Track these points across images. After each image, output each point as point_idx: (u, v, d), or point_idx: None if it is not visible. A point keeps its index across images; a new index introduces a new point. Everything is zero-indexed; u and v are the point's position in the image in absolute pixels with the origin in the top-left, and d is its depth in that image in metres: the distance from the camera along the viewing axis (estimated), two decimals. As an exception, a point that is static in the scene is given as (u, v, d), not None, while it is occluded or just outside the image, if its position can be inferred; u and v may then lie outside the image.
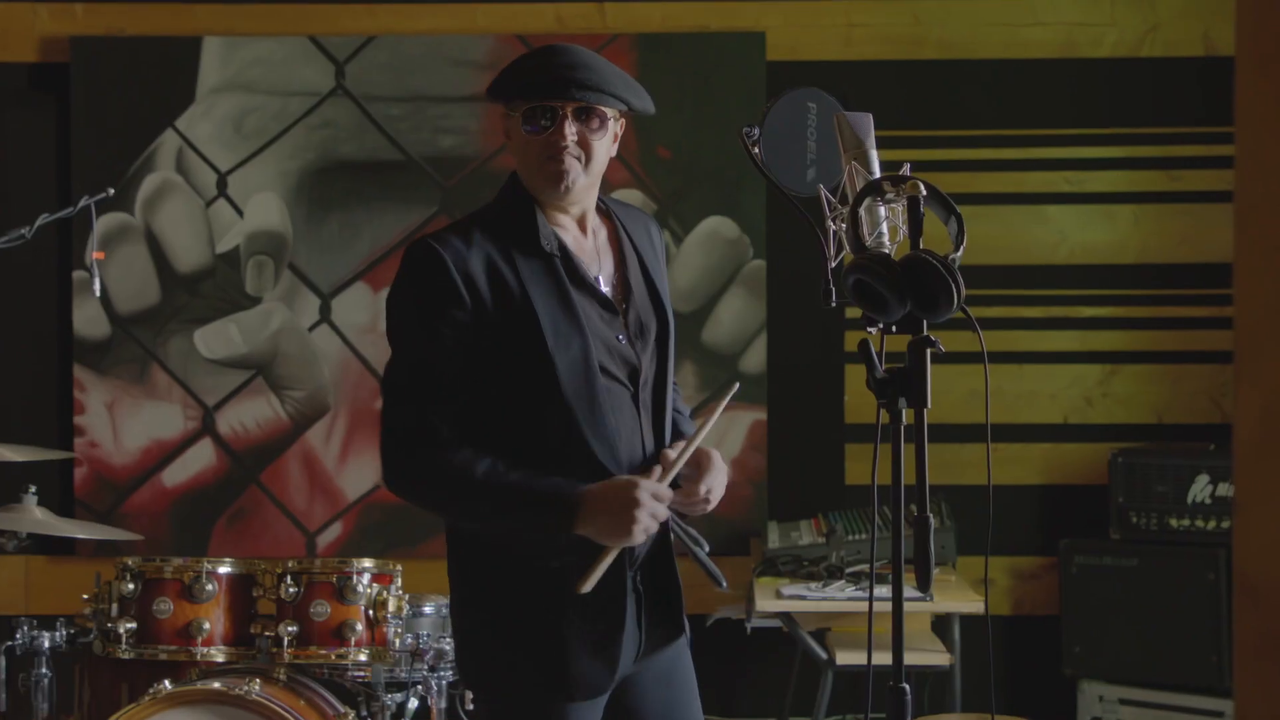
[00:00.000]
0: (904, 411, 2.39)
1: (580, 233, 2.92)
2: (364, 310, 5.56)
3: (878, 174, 2.49)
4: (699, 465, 2.90)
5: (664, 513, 2.78)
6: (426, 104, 5.55)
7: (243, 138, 5.57)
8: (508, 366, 2.78)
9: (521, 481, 2.75)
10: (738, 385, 3.02)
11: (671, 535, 2.93)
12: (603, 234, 2.95)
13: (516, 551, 2.82)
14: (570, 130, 2.81)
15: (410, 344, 2.82)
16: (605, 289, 2.89)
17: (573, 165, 2.83)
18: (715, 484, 2.90)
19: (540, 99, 2.81)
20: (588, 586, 2.74)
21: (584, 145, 2.83)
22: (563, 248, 2.86)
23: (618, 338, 2.86)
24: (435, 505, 2.87)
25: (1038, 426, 5.55)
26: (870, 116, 2.54)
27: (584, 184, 2.86)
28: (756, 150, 2.68)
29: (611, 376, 2.84)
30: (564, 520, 2.73)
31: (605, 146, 2.87)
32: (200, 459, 5.57)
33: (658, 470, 2.83)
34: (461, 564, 2.91)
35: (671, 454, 2.86)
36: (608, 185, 5.68)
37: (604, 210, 2.99)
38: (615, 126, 2.90)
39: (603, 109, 2.83)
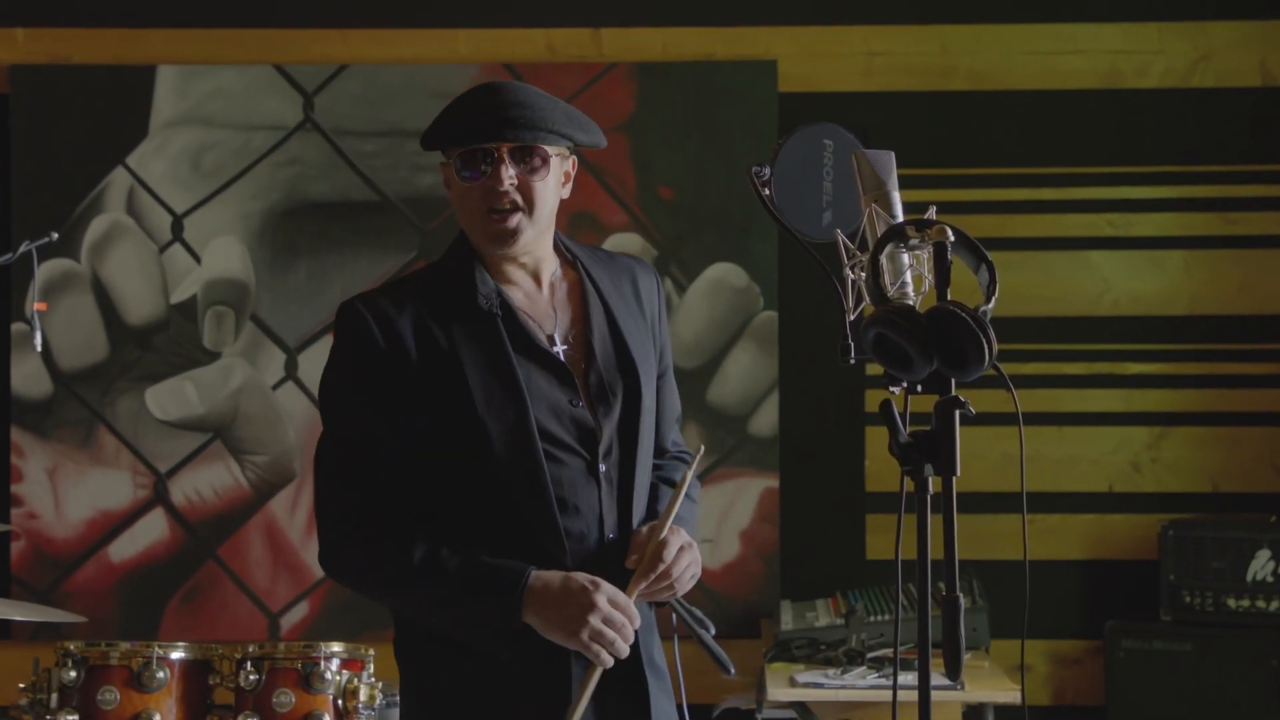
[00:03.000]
0: (931, 479, 2.39)
1: (535, 286, 2.94)
2: (334, 366, 5.56)
3: (901, 217, 2.50)
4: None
5: (626, 627, 2.80)
6: (404, 139, 5.57)
7: (201, 176, 5.59)
8: (438, 436, 2.84)
9: (463, 569, 2.80)
10: (702, 450, 3.03)
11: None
12: (564, 287, 2.97)
13: (463, 642, 2.86)
14: (508, 174, 2.84)
15: (339, 413, 2.92)
16: (559, 348, 2.91)
17: (516, 217, 2.85)
18: (680, 565, 2.89)
19: (472, 142, 2.84)
20: None
21: (525, 189, 2.85)
22: (505, 306, 2.88)
23: (572, 402, 2.88)
24: (375, 596, 2.96)
25: (1079, 495, 5.54)
26: (892, 154, 2.55)
27: (532, 234, 2.88)
28: (767, 191, 2.69)
29: (562, 445, 2.86)
30: (509, 608, 2.77)
31: (551, 189, 2.89)
32: (151, 531, 5.56)
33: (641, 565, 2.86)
34: (405, 649, 2.98)
35: (644, 533, 2.88)
36: (604, 230, 5.71)
37: (569, 260, 3.01)
38: (564, 165, 2.92)
39: (544, 148, 2.85)
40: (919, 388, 2.41)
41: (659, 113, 5.54)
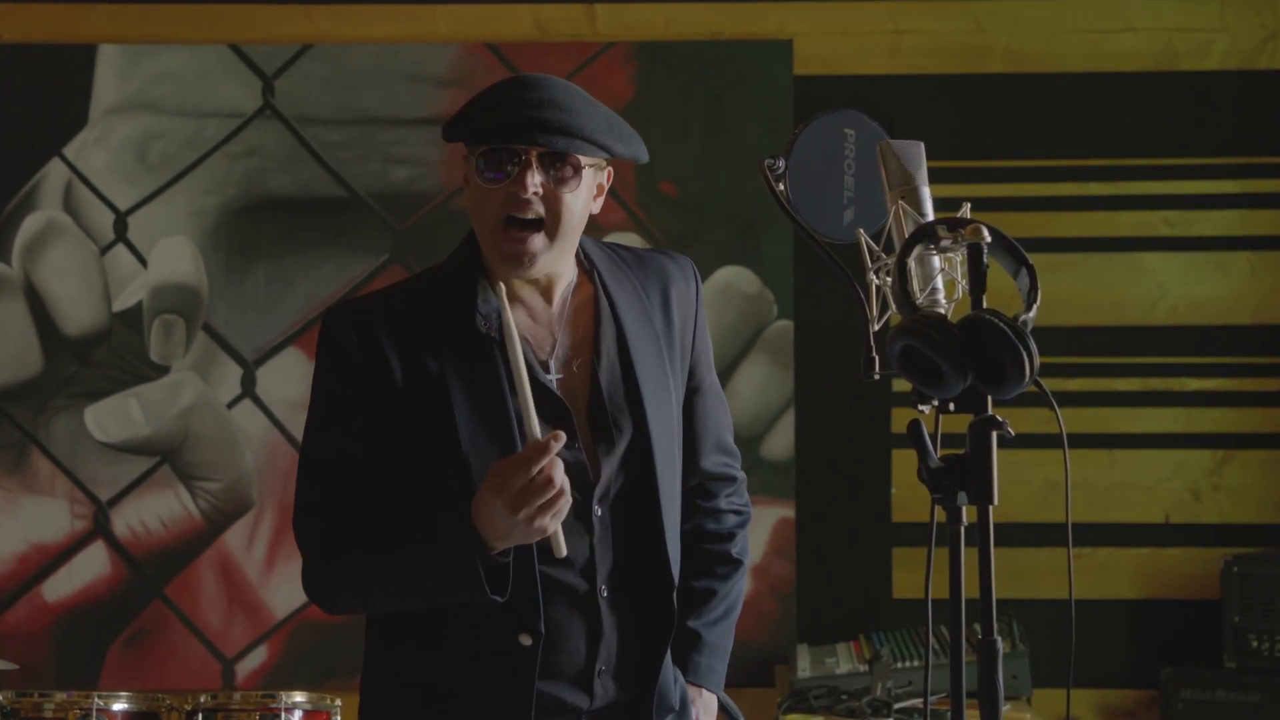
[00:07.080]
0: (965, 508, 2.39)
1: (544, 303, 2.95)
2: (296, 382, 5.57)
3: (931, 216, 2.51)
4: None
5: (547, 471, 2.71)
6: (375, 128, 5.58)
7: (147, 169, 5.60)
8: (420, 466, 2.86)
9: (412, 532, 2.82)
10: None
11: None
12: (575, 303, 2.98)
13: (429, 688, 2.94)
14: (533, 180, 2.82)
15: (314, 434, 2.93)
16: (553, 376, 2.91)
17: (535, 238, 2.84)
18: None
19: (496, 140, 2.83)
20: None
21: (550, 200, 2.84)
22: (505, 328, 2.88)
23: (570, 444, 2.85)
24: (358, 605, 2.98)
25: (1132, 527, 5.55)
26: (921, 145, 2.56)
27: (550, 257, 2.88)
28: (781, 186, 2.70)
29: None
30: (465, 542, 2.74)
31: (580, 202, 2.88)
32: (91, 567, 5.57)
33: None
34: (370, 687, 3.06)
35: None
36: (599, 230, 5.70)
37: (586, 269, 3.01)
38: (597, 178, 2.92)
39: (577, 157, 2.85)
40: (951, 406, 2.41)
41: (660, 98, 5.54)
